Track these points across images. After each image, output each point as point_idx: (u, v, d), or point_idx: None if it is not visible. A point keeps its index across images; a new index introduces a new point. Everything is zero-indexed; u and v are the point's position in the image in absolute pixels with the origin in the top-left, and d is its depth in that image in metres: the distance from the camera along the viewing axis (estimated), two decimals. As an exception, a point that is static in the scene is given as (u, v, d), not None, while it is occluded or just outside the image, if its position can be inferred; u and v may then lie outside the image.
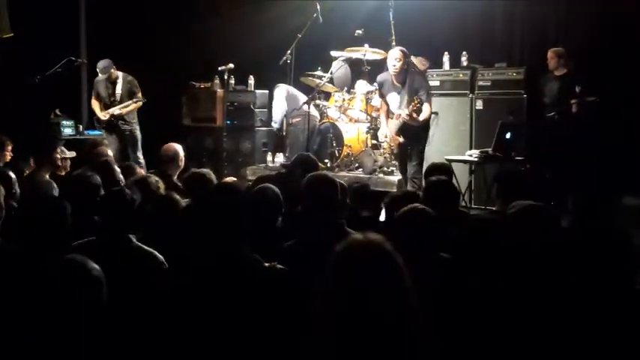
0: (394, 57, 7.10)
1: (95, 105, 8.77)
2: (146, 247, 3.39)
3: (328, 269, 2.01)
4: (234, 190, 3.33)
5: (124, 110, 8.59)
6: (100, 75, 8.63)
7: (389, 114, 7.34)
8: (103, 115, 8.63)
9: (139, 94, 8.68)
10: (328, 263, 2.02)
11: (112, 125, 8.67)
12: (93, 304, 2.32)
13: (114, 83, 8.65)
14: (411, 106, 6.90)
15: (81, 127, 9.88)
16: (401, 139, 7.16)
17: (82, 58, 9.89)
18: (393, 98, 7.25)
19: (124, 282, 3.10)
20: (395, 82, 7.20)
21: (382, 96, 7.46)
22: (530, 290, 2.81)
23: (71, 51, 9.49)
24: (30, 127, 8.56)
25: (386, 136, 7.48)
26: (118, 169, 5.31)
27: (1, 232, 3.66)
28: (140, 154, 8.66)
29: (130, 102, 8.58)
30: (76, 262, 2.35)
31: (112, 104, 8.64)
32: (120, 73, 8.67)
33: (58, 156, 6.06)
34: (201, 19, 10.12)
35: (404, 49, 7.19)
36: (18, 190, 4.72)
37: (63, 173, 6.14)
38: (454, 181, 6.30)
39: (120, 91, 8.63)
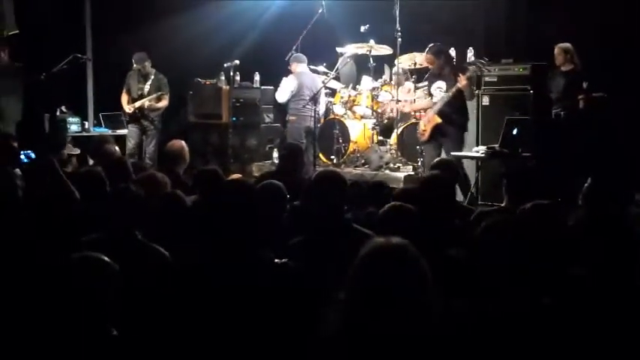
0: (426, 62, 7.73)
1: (123, 98, 8.95)
2: (151, 244, 3.39)
3: (351, 273, 1.99)
4: (249, 187, 3.32)
5: (150, 104, 8.75)
6: (134, 65, 8.83)
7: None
8: (129, 108, 8.81)
9: (166, 93, 8.86)
10: (350, 268, 2.00)
11: (136, 118, 8.84)
12: (112, 299, 2.33)
13: (145, 78, 8.80)
14: (470, 70, 7.36)
15: (87, 124, 9.91)
16: (439, 120, 7.41)
17: (87, 54, 9.90)
18: (439, 84, 7.53)
19: (129, 278, 3.11)
20: (438, 72, 7.60)
21: (428, 88, 7.76)
22: (536, 285, 2.79)
23: (77, 48, 9.49)
24: (36, 124, 8.57)
25: (424, 126, 7.65)
26: (131, 167, 5.29)
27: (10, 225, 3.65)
28: (155, 150, 8.71)
29: (154, 96, 8.74)
30: (93, 259, 2.36)
31: (139, 98, 8.82)
32: (153, 70, 8.89)
33: (66, 152, 6.08)
34: (207, 14, 10.11)
35: (434, 49, 7.56)
36: (21, 185, 4.73)
37: (70, 169, 6.16)
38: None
39: (148, 87, 8.80)
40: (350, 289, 1.98)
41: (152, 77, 8.85)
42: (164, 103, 8.90)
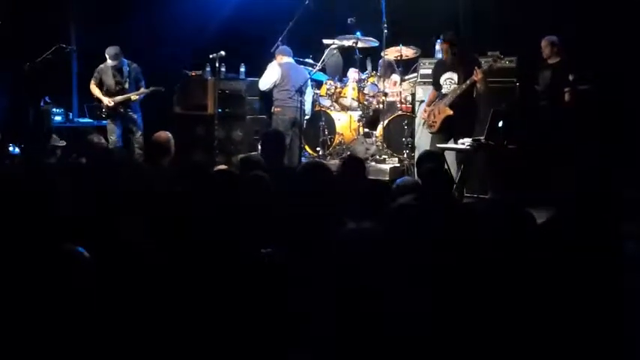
0: (441, 50, 7.52)
1: (96, 91, 8.71)
2: (138, 239, 3.35)
3: (327, 260, 2.01)
4: (235, 179, 3.32)
5: (135, 98, 8.65)
6: (108, 61, 8.63)
7: (436, 97, 7.45)
8: (109, 102, 8.60)
9: (144, 82, 8.76)
10: (326, 254, 2.02)
11: (117, 112, 8.67)
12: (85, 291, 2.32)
13: (120, 71, 8.64)
14: (489, 64, 7.18)
15: (71, 114, 9.83)
16: (450, 112, 7.23)
17: (71, 45, 9.82)
18: (450, 75, 7.34)
19: (115, 273, 3.09)
20: (449, 63, 7.36)
21: (435, 78, 7.52)
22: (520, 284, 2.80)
23: (61, 38, 9.41)
24: (20, 115, 8.51)
25: (426, 111, 7.52)
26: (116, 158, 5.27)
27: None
28: (141, 138, 8.68)
29: (147, 90, 8.66)
30: (70, 251, 2.35)
31: (121, 92, 8.63)
32: (125, 61, 8.69)
33: (51, 143, 6.06)
34: (193, 5, 10.06)
35: (450, 38, 7.31)
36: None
37: (54, 162, 6.13)
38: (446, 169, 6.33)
39: (128, 81, 8.63)
40: (326, 274, 2.00)
41: (127, 68, 8.65)
42: (142, 91, 8.77)
